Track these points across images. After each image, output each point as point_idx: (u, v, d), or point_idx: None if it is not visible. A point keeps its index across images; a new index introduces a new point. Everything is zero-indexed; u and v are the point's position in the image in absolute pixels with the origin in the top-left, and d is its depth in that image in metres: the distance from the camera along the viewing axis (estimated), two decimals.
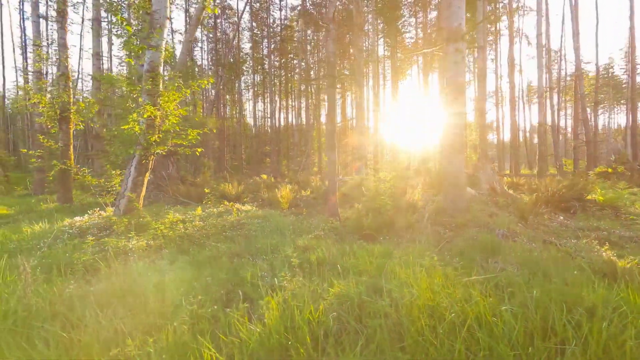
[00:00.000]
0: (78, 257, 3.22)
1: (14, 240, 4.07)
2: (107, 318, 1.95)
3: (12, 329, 1.88)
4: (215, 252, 3.86)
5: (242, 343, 1.87)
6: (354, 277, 2.73)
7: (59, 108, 9.24)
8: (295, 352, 1.73)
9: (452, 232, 5.00)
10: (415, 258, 3.30)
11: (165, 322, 2.07)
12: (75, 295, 2.34)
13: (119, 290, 2.38)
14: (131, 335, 1.86)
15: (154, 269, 3.12)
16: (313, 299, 2.25)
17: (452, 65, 5.65)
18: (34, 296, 2.25)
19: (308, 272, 3.12)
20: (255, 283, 2.81)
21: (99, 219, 5.01)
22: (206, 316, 2.18)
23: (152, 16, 5.05)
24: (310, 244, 4.23)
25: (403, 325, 1.91)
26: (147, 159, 4.76)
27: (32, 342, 1.77)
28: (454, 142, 5.61)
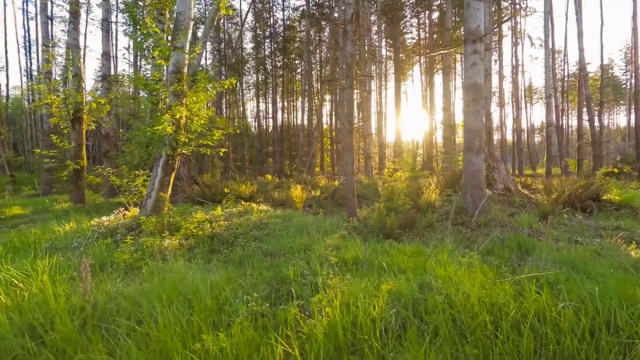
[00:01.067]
0: (119, 255, 3.26)
1: (47, 240, 4.11)
2: (173, 314, 2.00)
3: (85, 324, 1.92)
4: (248, 252, 3.91)
5: (307, 338, 1.92)
6: (398, 275, 2.78)
7: (72, 108, 9.27)
8: (367, 346, 1.78)
9: (474, 231, 5.06)
10: (450, 256, 3.36)
11: (226, 319, 2.12)
12: (131, 292, 2.38)
13: (173, 287, 2.43)
14: (200, 331, 1.91)
15: (193, 267, 3.17)
16: (366, 295, 2.30)
17: (470, 67, 5.72)
18: (93, 293, 2.29)
19: (347, 270, 3.18)
20: (299, 281, 2.86)
21: (124, 218, 5.05)
22: (264, 313, 2.23)
23: (177, 18, 5.09)
24: (339, 243, 4.29)
25: (463, 321, 1.97)
26: (174, 160, 4.81)
27: (111, 336, 1.81)
28: (473, 142, 5.68)
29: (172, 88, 4.57)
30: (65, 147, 9.19)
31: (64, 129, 9.51)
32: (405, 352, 1.78)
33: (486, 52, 13.96)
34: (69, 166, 9.15)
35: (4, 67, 25.13)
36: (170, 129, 4.45)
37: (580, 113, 18.57)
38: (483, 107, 5.74)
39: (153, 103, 8.18)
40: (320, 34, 30.56)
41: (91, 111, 9.64)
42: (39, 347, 1.77)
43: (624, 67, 41.09)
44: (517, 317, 1.91)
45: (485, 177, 5.94)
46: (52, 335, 1.83)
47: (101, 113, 9.96)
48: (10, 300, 2.23)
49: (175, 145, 4.61)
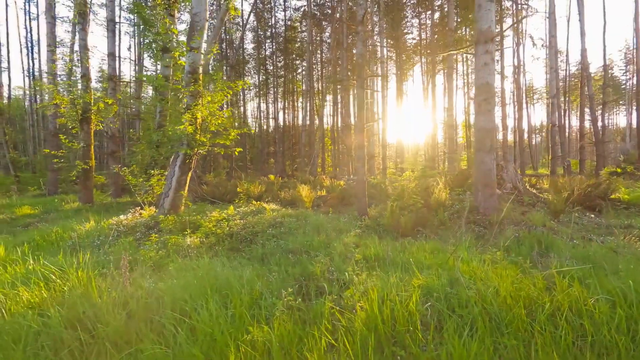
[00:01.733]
0: (145, 253, 3.31)
1: (68, 238, 4.16)
2: (214, 308, 2.05)
3: (131, 317, 1.98)
4: (268, 249, 3.96)
5: (346, 330, 1.98)
6: (423, 271, 2.84)
7: (81, 109, 9.31)
8: (409, 338, 1.84)
9: (487, 229, 5.13)
10: (469, 253, 3.43)
11: (265, 313, 2.18)
12: (166, 288, 2.44)
13: (208, 283, 2.48)
14: (243, 324, 1.97)
15: (218, 264, 3.22)
16: (398, 290, 2.36)
17: (482, 67, 5.78)
18: (131, 288, 2.35)
19: (370, 266, 3.23)
20: (326, 277, 2.92)
21: (140, 217, 5.09)
22: (299, 307, 2.29)
23: (193, 19, 5.14)
24: (357, 241, 4.35)
25: (497, 314, 2.02)
26: (191, 159, 4.86)
27: (157, 329, 1.87)
28: (485, 142, 5.74)
29: (192, 88, 4.62)
30: (75, 147, 9.22)
31: (72, 129, 9.55)
32: (446, 343, 1.84)
33: None
34: (77, 166, 9.18)
35: (9, 68, 25.01)
36: (190, 128, 4.50)
37: (582, 113, 18.68)
38: (494, 107, 5.80)
39: (162, 102, 8.24)
40: (322, 34, 30.64)
41: (99, 111, 9.67)
42: (91, 340, 1.83)
43: (624, 68, 41.32)
44: (551, 310, 1.97)
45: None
46: (102, 328, 1.88)
47: (109, 113, 10.00)
48: (50, 295, 2.28)
49: (193, 145, 4.66)
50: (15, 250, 3.57)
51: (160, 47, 10.33)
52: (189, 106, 4.64)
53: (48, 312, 2.04)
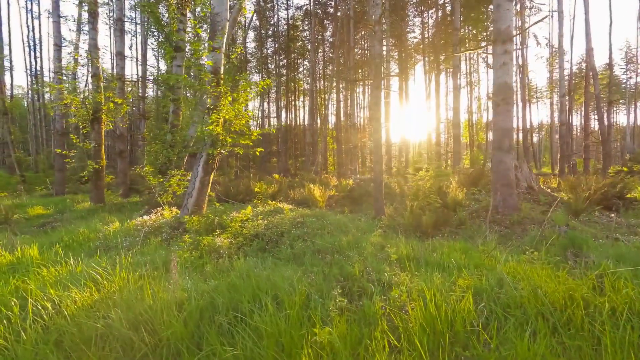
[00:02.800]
0: (180, 254, 3.31)
1: (95, 239, 4.16)
2: (269, 309, 2.06)
3: (190, 320, 1.98)
4: (297, 250, 3.97)
5: (404, 330, 1.99)
6: (462, 270, 2.85)
7: (92, 108, 9.29)
8: (474, 338, 1.85)
9: (509, 228, 5.15)
10: (503, 254, 3.44)
11: (317, 314, 2.18)
12: (209, 289, 2.44)
13: (252, 284, 2.49)
14: (302, 325, 1.98)
15: (254, 265, 3.23)
16: (446, 291, 2.38)
17: (500, 67, 5.79)
18: (179, 290, 2.35)
19: (405, 267, 3.24)
20: (365, 278, 2.93)
21: (162, 218, 5.09)
22: (350, 308, 2.30)
23: (214, 19, 5.14)
24: (383, 241, 4.36)
25: (552, 314, 2.04)
26: (214, 159, 4.86)
27: (224, 331, 1.88)
28: (503, 142, 5.76)
29: (222, 89, 4.61)
30: (86, 147, 9.20)
31: (83, 129, 9.52)
32: (507, 343, 1.85)
33: None
34: (88, 166, 9.16)
35: (12, 67, 24.90)
36: (218, 128, 4.50)
37: (587, 112, 18.72)
38: (513, 106, 5.82)
39: (176, 102, 8.23)
40: (324, 33, 30.63)
41: (109, 111, 9.65)
42: (157, 341, 1.83)
43: (624, 67, 41.38)
44: (606, 310, 1.99)
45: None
46: (163, 329, 1.89)
47: (119, 113, 9.98)
48: (101, 296, 2.29)
49: (218, 145, 4.67)
50: (47, 251, 3.57)
51: (168, 49, 10.33)
52: (215, 106, 4.63)
53: (104, 314, 2.05)
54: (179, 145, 7.31)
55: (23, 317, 1.99)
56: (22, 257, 3.25)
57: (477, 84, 28.81)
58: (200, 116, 4.63)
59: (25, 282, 2.55)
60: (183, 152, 7.29)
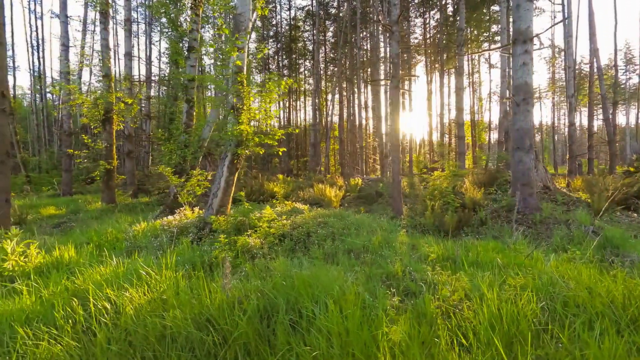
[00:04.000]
0: (217, 254, 3.30)
1: (122, 239, 4.14)
2: (328, 309, 2.05)
3: (253, 319, 1.98)
4: (327, 249, 3.97)
5: (474, 328, 1.99)
6: (507, 270, 2.85)
7: (103, 109, 9.26)
8: (547, 336, 1.85)
9: (532, 228, 5.16)
10: (537, 253, 3.45)
11: (382, 313, 2.18)
12: (254, 288, 2.43)
13: (301, 283, 2.48)
14: (363, 324, 1.98)
15: (292, 265, 3.22)
16: (499, 290, 2.38)
17: (520, 67, 5.81)
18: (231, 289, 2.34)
19: (442, 266, 3.24)
20: (407, 277, 2.93)
21: (186, 218, 5.08)
22: (404, 307, 2.30)
23: (237, 18, 5.13)
24: (411, 241, 4.36)
25: (614, 312, 2.04)
26: (239, 159, 4.85)
27: (287, 329, 1.87)
28: (524, 141, 5.77)
29: (256, 88, 4.62)
30: (98, 147, 9.17)
31: (94, 129, 9.49)
32: (576, 341, 1.85)
33: (503, 56, 14.10)
34: (100, 166, 9.13)
35: (15, 67, 24.80)
36: (248, 127, 4.50)
37: (591, 112, 18.79)
38: (533, 106, 5.84)
39: (188, 101, 8.22)
40: (325, 34, 30.67)
41: (120, 111, 9.63)
42: (223, 341, 1.83)
43: (624, 67, 41.65)
44: None
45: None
46: (227, 328, 1.88)
47: (129, 113, 9.96)
48: (154, 296, 2.28)
49: (245, 145, 4.66)
50: (81, 251, 3.55)
51: (177, 48, 10.31)
52: (241, 106, 4.62)
53: (161, 313, 2.04)
54: (194, 145, 7.30)
55: (84, 318, 1.98)
56: (61, 257, 3.23)
57: (478, 85, 28.87)
58: (227, 115, 4.61)
59: (73, 282, 2.54)
60: (199, 153, 7.27)
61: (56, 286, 2.46)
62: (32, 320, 1.97)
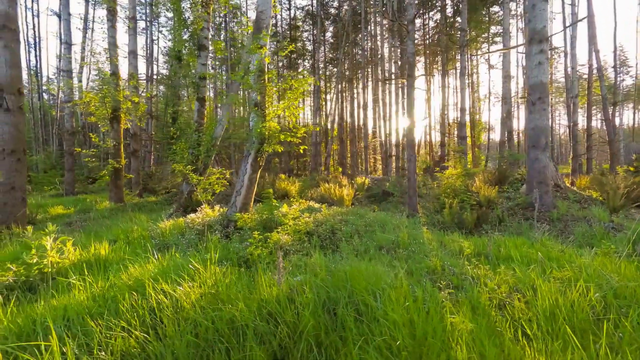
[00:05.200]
0: (251, 250, 3.31)
1: (150, 237, 4.12)
2: (396, 301, 2.07)
3: (315, 312, 1.99)
4: (356, 246, 3.99)
5: (532, 319, 2.03)
6: (546, 264, 2.90)
7: (111, 107, 9.18)
8: (610, 326, 1.89)
9: (550, 225, 5.23)
10: (568, 248, 3.51)
11: (445, 304, 2.20)
12: (306, 283, 2.44)
13: (350, 277, 2.49)
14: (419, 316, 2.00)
15: (329, 261, 3.23)
16: (547, 283, 2.42)
17: (536, 66, 5.89)
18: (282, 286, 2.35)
19: (477, 261, 3.28)
20: (447, 271, 2.96)
21: (207, 216, 5.06)
22: (457, 300, 2.33)
23: (259, 16, 5.14)
24: (436, 237, 4.40)
25: None
26: (262, 157, 4.85)
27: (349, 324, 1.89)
28: (539, 140, 5.85)
29: (283, 86, 4.62)
30: (107, 145, 9.09)
31: (102, 128, 9.41)
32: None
33: (506, 56, 14.24)
34: (109, 165, 9.06)
35: None
36: (274, 124, 4.51)
37: (590, 113, 19.06)
38: (549, 105, 5.92)
39: (200, 99, 8.19)
40: (324, 34, 30.72)
41: (128, 110, 9.56)
42: (292, 334, 1.84)
43: (618, 69, 42.33)
44: None
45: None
46: (291, 321, 1.89)
47: (137, 112, 9.88)
48: (204, 290, 2.28)
49: (271, 142, 4.66)
50: (113, 248, 3.53)
51: (178, 47, 10.27)
52: (262, 103, 4.63)
53: (216, 307, 2.04)
54: (207, 144, 7.27)
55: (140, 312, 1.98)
56: (97, 254, 3.21)
57: (477, 86, 29.12)
58: (255, 113, 4.61)
59: (119, 277, 2.53)
60: (212, 151, 7.25)
61: (104, 282, 2.44)
62: (95, 314, 1.96)
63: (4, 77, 5.06)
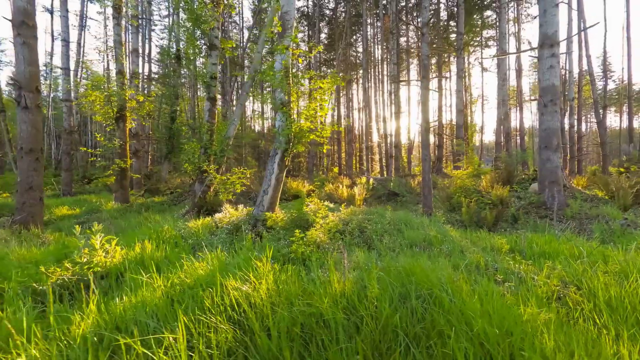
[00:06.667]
0: (295, 248, 3.34)
1: (183, 237, 4.10)
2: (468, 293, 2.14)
3: (394, 303, 2.04)
4: (390, 244, 4.06)
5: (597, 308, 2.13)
6: (580, 260, 3.02)
7: (117, 106, 9.04)
8: None
9: (564, 223, 5.41)
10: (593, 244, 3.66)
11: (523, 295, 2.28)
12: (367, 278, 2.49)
13: (409, 273, 2.56)
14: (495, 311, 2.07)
15: (371, 258, 3.29)
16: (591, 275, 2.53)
17: (547, 69, 6.09)
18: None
19: (513, 257, 3.39)
20: (490, 267, 3.06)
21: (232, 215, 5.06)
22: (516, 292, 2.42)
23: (283, 17, 5.17)
24: (465, 235, 4.51)
25: None
26: (289, 156, 4.88)
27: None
28: (551, 141, 6.05)
29: (311, 86, 4.66)
30: (113, 145, 8.94)
31: (107, 127, 9.25)
32: None
33: (502, 59, 14.59)
34: (114, 165, 8.91)
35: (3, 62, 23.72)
36: (308, 123, 4.54)
37: (580, 116, 19.70)
38: (560, 107, 6.13)
39: (211, 99, 8.14)
40: (319, 35, 30.80)
41: (133, 109, 9.43)
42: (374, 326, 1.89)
43: (601, 74, 43.88)
44: None
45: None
46: (372, 314, 1.94)
47: (142, 111, 9.75)
48: (270, 287, 2.30)
49: (298, 141, 4.69)
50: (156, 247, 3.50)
51: (180, 52, 10.18)
52: (288, 102, 4.66)
53: (298, 301, 2.07)
54: (221, 144, 7.24)
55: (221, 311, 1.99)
56: (142, 253, 3.19)
57: (469, 88, 29.68)
58: (282, 113, 4.64)
59: (180, 276, 2.53)
60: (226, 151, 7.22)
61: (166, 280, 2.44)
62: (174, 311, 1.97)
63: (23, 75, 4.95)
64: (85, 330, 1.69)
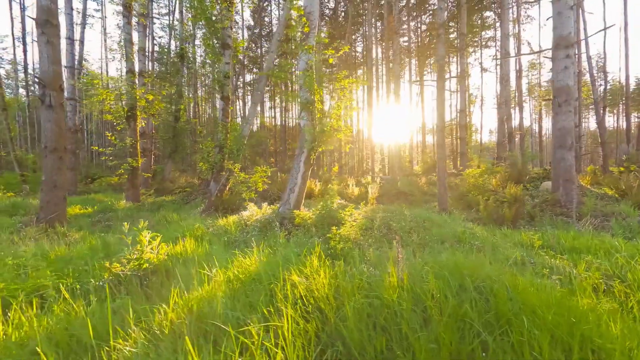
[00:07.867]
0: (334, 244, 3.40)
1: (216, 234, 4.14)
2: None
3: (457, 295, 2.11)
4: (421, 239, 4.14)
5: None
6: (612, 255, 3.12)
7: (128, 105, 9.02)
8: None
9: (580, 221, 5.54)
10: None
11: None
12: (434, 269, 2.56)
13: (460, 267, 2.63)
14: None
15: (407, 254, 3.36)
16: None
17: (562, 70, 6.21)
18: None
19: (546, 253, 3.49)
20: (526, 261, 3.15)
21: (257, 214, 5.10)
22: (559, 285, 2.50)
23: (307, 17, 5.22)
24: (490, 232, 4.61)
25: None
26: (315, 155, 4.94)
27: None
28: (565, 140, 6.18)
29: (337, 85, 4.73)
30: (125, 144, 8.91)
31: (118, 126, 9.21)
32: None
33: (505, 61, 14.77)
34: (125, 164, 8.88)
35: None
36: (339, 122, 4.61)
37: (580, 116, 19.98)
38: (574, 107, 6.25)
39: (224, 98, 8.17)
40: (319, 35, 30.84)
41: (143, 108, 9.40)
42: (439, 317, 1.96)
43: (601, 74, 44.57)
44: None
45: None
46: (444, 307, 2.02)
47: (152, 110, 9.73)
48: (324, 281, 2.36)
49: (325, 140, 4.75)
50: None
51: (184, 50, 10.13)
52: (314, 102, 4.73)
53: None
54: (237, 143, 7.27)
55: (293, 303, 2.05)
56: (185, 250, 3.23)
57: (467, 88, 29.98)
58: (308, 112, 4.69)
59: (234, 272, 2.58)
60: (243, 150, 7.24)
61: (223, 274, 2.49)
62: (245, 304, 2.02)
63: (47, 73, 4.94)
64: (174, 320, 1.73)
